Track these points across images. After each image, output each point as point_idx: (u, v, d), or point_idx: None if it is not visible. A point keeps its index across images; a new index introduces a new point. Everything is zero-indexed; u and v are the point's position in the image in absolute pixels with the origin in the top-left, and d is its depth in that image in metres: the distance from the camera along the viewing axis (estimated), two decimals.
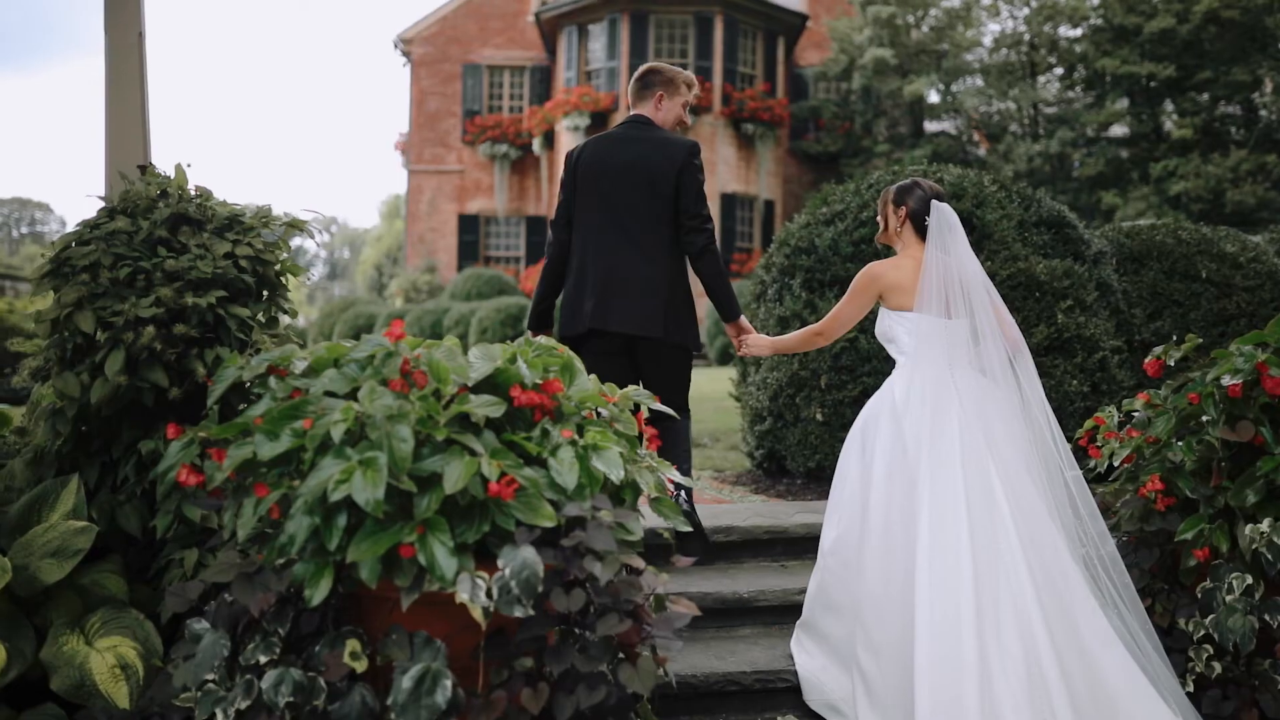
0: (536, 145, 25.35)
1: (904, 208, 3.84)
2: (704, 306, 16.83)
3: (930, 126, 25.32)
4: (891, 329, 3.79)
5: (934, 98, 24.75)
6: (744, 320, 4.48)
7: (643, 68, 4.59)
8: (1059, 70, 24.51)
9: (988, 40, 24.82)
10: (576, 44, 24.07)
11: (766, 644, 4.02)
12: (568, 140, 23.59)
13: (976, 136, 25.17)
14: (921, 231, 3.78)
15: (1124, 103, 23.32)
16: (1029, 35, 23.98)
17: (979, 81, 24.51)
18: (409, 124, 27.14)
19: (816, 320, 5.80)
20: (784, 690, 3.73)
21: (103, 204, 3.36)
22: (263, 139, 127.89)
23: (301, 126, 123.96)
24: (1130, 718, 3.16)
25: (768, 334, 6.05)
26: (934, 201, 3.78)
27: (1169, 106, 23.16)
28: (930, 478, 3.37)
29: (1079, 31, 23.95)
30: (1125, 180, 22.65)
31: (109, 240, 3.22)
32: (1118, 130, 23.73)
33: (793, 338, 4.20)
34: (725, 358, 17.87)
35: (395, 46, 27.11)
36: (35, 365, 3.26)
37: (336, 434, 2.43)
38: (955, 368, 3.59)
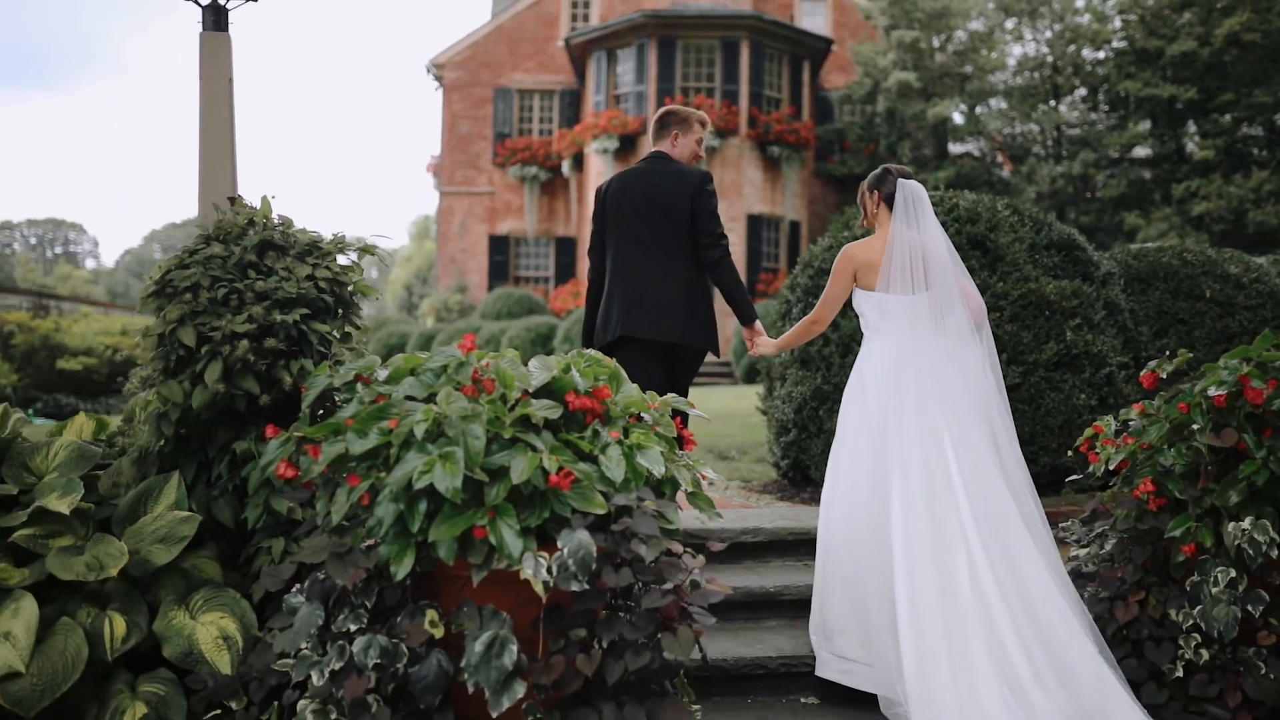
0: (566, 167, 25.85)
1: (877, 192, 4.33)
2: (730, 325, 17.20)
3: (954, 148, 25.62)
4: (860, 306, 4.28)
5: (958, 119, 25.06)
6: (758, 324, 4.98)
7: (660, 110, 5.16)
8: (1082, 92, 24.78)
9: (1011, 62, 25.13)
10: (605, 68, 24.58)
11: (790, 634, 4.37)
12: (596, 162, 24.08)
13: (1000, 158, 25.45)
14: (894, 209, 4.25)
15: (1146, 124, 23.55)
16: (1052, 58, 24.27)
17: (1002, 104, 24.80)
18: (441, 146, 27.72)
19: (838, 335, 6.19)
20: (807, 674, 4.07)
21: (199, 232, 3.79)
22: (295, 161, 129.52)
23: (333, 149, 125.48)
24: (1045, 599, 3.72)
25: (790, 349, 6.43)
26: (901, 180, 4.25)
27: (1191, 128, 23.36)
28: (896, 440, 3.92)
29: (1101, 54, 24.23)
30: (1148, 201, 22.87)
31: (206, 264, 3.64)
32: (1140, 151, 23.94)
33: (793, 332, 4.70)
34: (750, 376, 18.22)
35: (428, 71, 27.72)
36: (145, 374, 3.68)
37: (419, 432, 2.82)
38: (917, 336, 4.05)
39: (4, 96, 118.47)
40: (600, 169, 24.00)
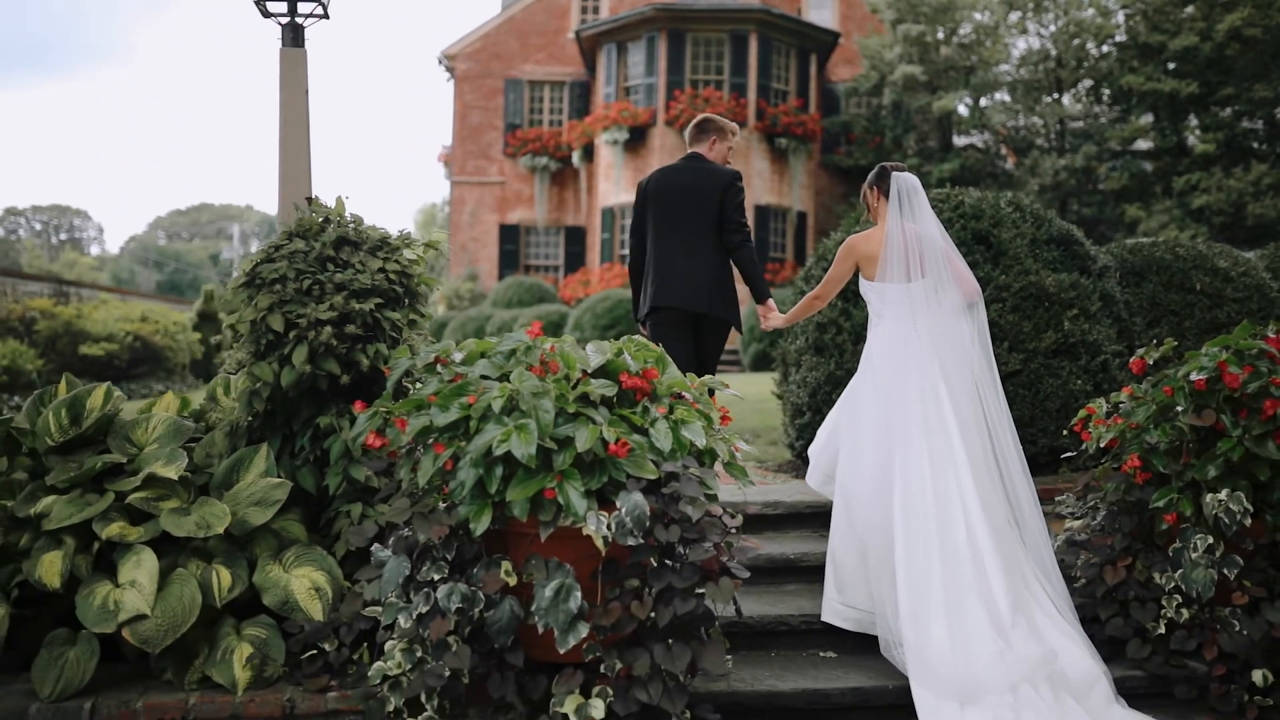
0: (576, 158, 26.23)
1: (877, 188, 4.79)
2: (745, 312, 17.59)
3: (959, 140, 25.99)
4: (865, 294, 4.77)
5: (963, 111, 25.42)
6: (770, 302, 5.67)
7: (700, 118, 5.87)
8: (1086, 84, 25.10)
9: (1016, 54, 25.47)
10: (615, 60, 24.94)
11: (809, 595, 4.79)
12: (606, 153, 24.47)
13: (1004, 151, 25.82)
14: (890, 200, 4.69)
15: (1148, 118, 23.90)
16: (1055, 52, 24.61)
17: (1006, 97, 25.15)
18: (452, 137, 28.11)
19: (850, 324, 6.60)
20: (825, 631, 4.49)
21: (282, 229, 4.21)
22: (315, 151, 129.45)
23: (338, 137, 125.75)
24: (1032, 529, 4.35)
25: (805, 337, 6.89)
26: (895, 174, 4.70)
27: (1192, 121, 23.70)
28: (900, 410, 4.38)
29: (1104, 49, 24.57)
30: (1149, 194, 23.25)
31: (291, 258, 4.07)
32: (1142, 145, 24.29)
33: (799, 306, 5.31)
34: (757, 364, 18.69)
35: (439, 62, 28.10)
36: (239, 357, 4.10)
37: (496, 406, 3.25)
38: (916, 320, 4.49)
39: (10, 83, 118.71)
40: (610, 160, 24.40)
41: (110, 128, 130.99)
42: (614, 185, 24.47)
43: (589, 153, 25.93)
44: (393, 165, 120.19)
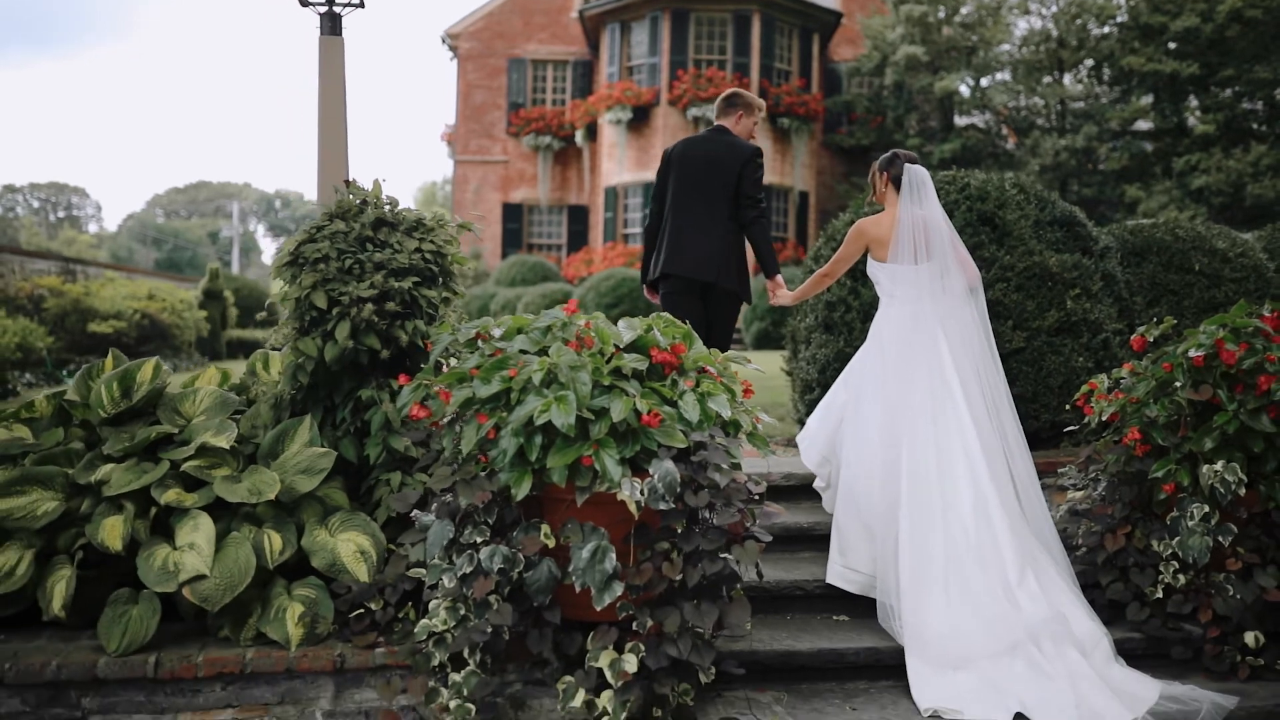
0: (579, 137, 26.36)
1: (887, 174, 4.96)
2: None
3: (960, 120, 26.12)
4: (875, 275, 4.95)
5: (964, 91, 25.54)
6: (779, 278, 5.83)
7: (728, 91, 6.04)
8: (1088, 62, 25.20)
9: (1018, 34, 25.57)
10: (619, 40, 25.04)
11: (822, 562, 4.98)
12: (610, 133, 24.60)
13: (1005, 131, 25.95)
14: (900, 190, 4.87)
15: (1149, 99, 24.04)
16: (1056, 32, 24.72)
17: (1007, 77, 25.27)
18: (455, 116, 28.21)
19: (859, 303, 6.80)
20: (839, 596, 4.70)
21: (322, 210, 4.40)
22: (300, 125, 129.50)
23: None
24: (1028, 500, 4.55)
25: (815, 315, 7.08)
26: (908, 165, 4.88)
27: (1193, 102, 23.87)
28: (908, 385, 4.58)
29: (1106, 29, 24.68)
30: (1149, 174, 23.42)
31: (332, 239, 4.26)
32: (1142, 125, 24.46)
33: (808, 284, 5.51)
34: (759, 343, 18.92)
35: (443, 41, 28.17)
36: (285, 333, 4.29)
37: (537, 379, 3.46)
38: (922, 301, 4.69)
39: (9, 59, 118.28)
40: (613, 140, 24.53)
41: (109, 105, 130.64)
42: (617, 165, 24.61)
43: (592, 132, 26.05)
44: (392, 143, 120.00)
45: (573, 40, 27.42)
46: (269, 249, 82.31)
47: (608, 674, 3.45)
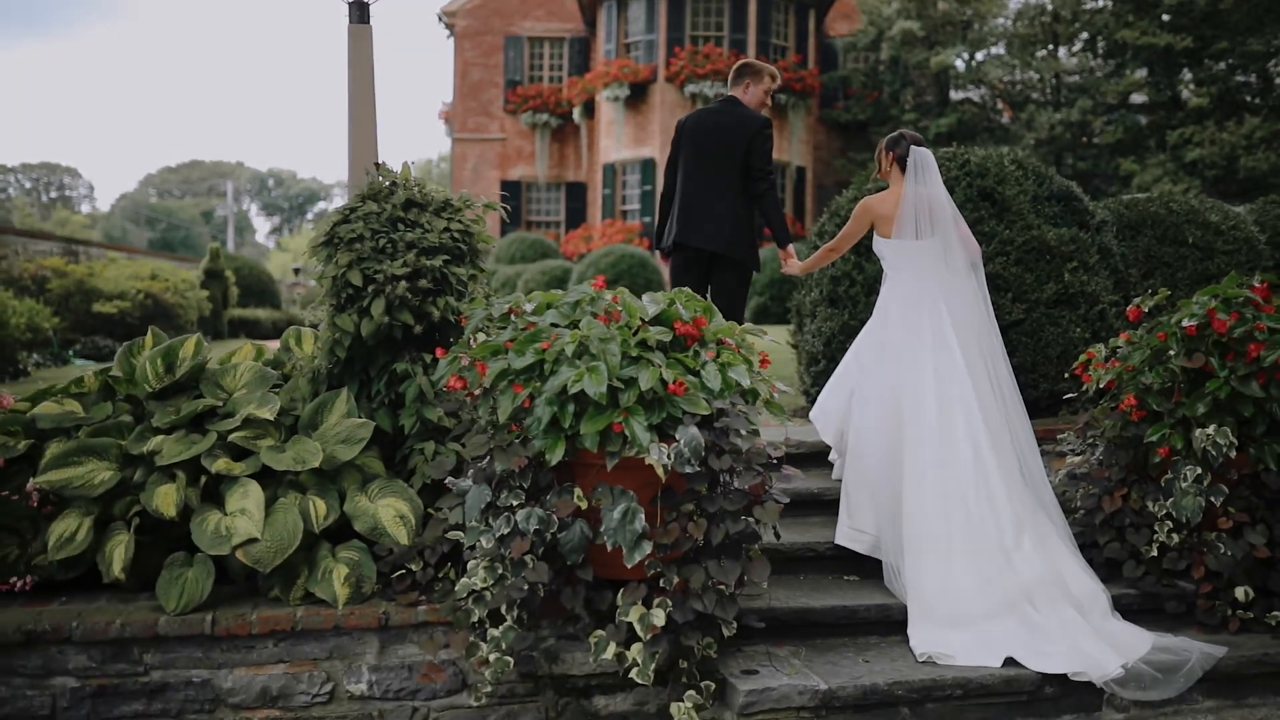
0: (576, 114, 26.48)
1: (892, 153, 5.16)
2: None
3: (955, 95, 26.26)
4: (881, 251, 5.16)
5: (960, 66, 25.67)
6: (790, 248, 6.04)
7: (739, 62, 6.22)
8: (1083, 36, 25.32)
9: (1012, 8, 25.69)
10: (616, 17, 25.12)
11: (832, 526, 5.18)
12: (607, 110, 24.71)
13: (1000, 105, 26.10)
14: (905, 170, 5.08)
15: (1143, 72, 24.21)
16: (1051, 6, 24.83)
17: (1002, 51, 25.40)
18: (453, 94, 28.30)
19: (863, 278, 7.01)
20: (849, 557, 4.93)
21: (355, 192, 4.60)
22: (296, 103, 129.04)
23: (331, 93, 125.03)
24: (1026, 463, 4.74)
25: (820, 289, 7.29)
26: (913, 146, 5.09)
27: (1187, 75, 24.02)
28: (913, 355, 4.79)
29: (1100, 3, 24.80)
30: (1143, 147, 23.60)
31: (366, 219, 4.46)
32: (1136, 98, 24.63)
33: (816, 256, 5.71)
34: (758, 318, 19.10)
35: (440, 20, 28.21)
36: (323, 310, 4.49)
37: (569, 351, 3.67)
38: (925, 276, 4.91)
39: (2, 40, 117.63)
40: (611, 116, 24.64)
41: (100, 85, 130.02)
42: (615, 141, 24.74)
43: (590, 109, 26.17)
44: (389, 121, 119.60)
45: (569, 17, 27.49)
46: (263, 228, 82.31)
47: (637, 628, 3.67)
